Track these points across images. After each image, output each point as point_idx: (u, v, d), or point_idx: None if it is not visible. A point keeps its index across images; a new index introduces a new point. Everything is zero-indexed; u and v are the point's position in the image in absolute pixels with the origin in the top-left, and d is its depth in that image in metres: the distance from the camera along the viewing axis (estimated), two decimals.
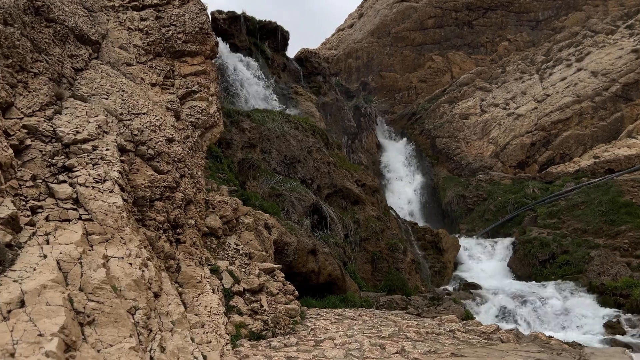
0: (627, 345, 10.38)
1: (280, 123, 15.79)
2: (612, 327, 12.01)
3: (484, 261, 18.91)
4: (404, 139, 30.32)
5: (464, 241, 20.11)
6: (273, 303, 7.04)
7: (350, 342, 5.97)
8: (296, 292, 7.58)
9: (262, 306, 6.74)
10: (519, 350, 6.34)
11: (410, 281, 14.88)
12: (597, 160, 22.87)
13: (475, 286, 16.30)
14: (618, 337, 11.15)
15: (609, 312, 12.82)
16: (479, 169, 26.39)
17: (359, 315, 8.62)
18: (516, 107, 28.08)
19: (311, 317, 7.83)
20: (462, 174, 26.71)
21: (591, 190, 18.17)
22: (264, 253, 7.88)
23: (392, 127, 31.40)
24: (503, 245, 18.93)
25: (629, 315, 12.41)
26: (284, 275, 7.67)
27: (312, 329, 6.79)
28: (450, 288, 17.25)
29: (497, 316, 13.25)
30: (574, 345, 8.84)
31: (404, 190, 27.56)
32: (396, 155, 29.55)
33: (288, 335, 6.44)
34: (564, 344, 7.29)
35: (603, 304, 13.31)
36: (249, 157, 13.99)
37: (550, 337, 8.07)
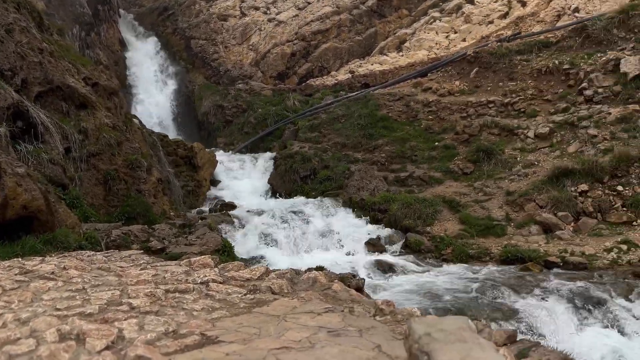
0: (391, 267, 9.74)
1: None
2: (373, 245, 11.44)
3: (243, 178, 17.15)
4: (154, 38, 25.99)
5: (222, 156, 17.96)
6: None
7: (18, 337, 3.01)
8: None
9: None
10: (300, 313, 4.24)
11: (157, 205, 12.09)
12: (353, 74, 22.80)
13: (234, 206, 14.43)
14: (382, 257, 10.52)
15: (370, 228, 12.32)
16: (239, 78, 24.18)
17: (65, 268, 5.59)
18: (277, 12, 26.26)
19: None
20: (220, 82, 24.15)
21: (351, 103, 17.65)
22: None
23: (141, 22, 26.60)
24: (264, 161, 17.39)
25: (387, 231, 12.05)
26: None
27: None
28: (206, 209, 15.08)
29: (259, 240, 11.58)
30: (352, 278, 7.46)
31: (153, 98, 23.77)
32: (145, 56, 25.18)
33: None
34: (350, 291, 5.61)
35: (363, 220, 12.77)
36: None
37: (330, 278, 6.43)
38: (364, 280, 7.41)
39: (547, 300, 6.99)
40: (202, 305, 4.26)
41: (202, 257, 6.12)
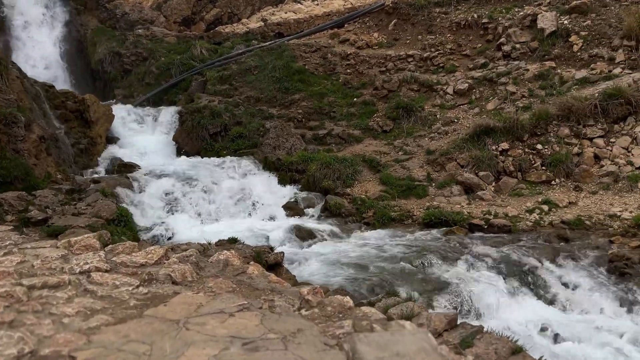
0: (311, 233, 8.99)
1: None
2: (291, 208, 10.62)
3: (144, 135, 15.47)
4: None
5: (119, 110, 16.04)
6: None
7: None
8: None
9: None
10: (207, 315, 3.27)
11: (39, 167, 10.38)
12: (266, 22, 21.29)
13: (134, 167, 12.91)
14: (300, 222, 9.73)
15: (287, 191, 11.46)
16: (138, 22, 21.74)
17: None
18: None
19: None
20: (117, 27, 21.58)
21: (265, 54, 16.33)
22: None
23: None
24: (168, 115, 15.74)
25: (304, 194, 11.26)
26: None
27: None
28: (101, 170, 13.43)
29: (163, 207, 10.33)
30: (269, 252, 6.60)
31: (39, 43, 20.79)
32: None
33: None
34: (270, 276, 4.73)
35: (280, 181, 11.88)
36: None
37: (245, 258, 5.53)
38: (283, 253, 6.59)
39: (477, 271, 6.59)
40: (78, 307, 3.18)
41: (85, 236, 4.87)
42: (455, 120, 12.44)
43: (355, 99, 14.39)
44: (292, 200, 10.90)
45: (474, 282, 6.20)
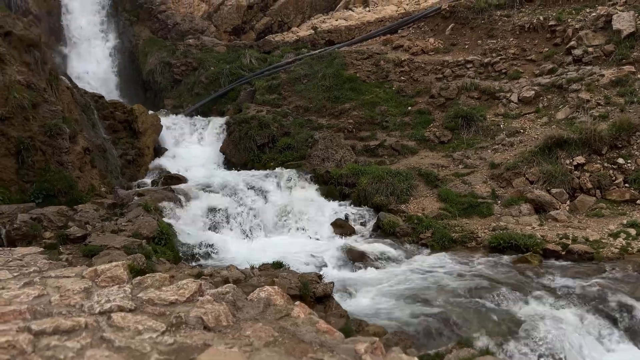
0: (363, 255, 8.21)
1: None
2: (340, 226, 9.89)
3: (192, 145, 15.17)
4: None
5: (168, 120, 15.85)
6: None
7: None
8: None
9: None
10: None
11: (83, 180, 10.12)
12: (316, 30, 20.77)
13: (180, 179, 12.55)
14: (351, 241, 8.98)
15: (336, 206, 10.73)
16: (189, 32, 21.73)
17: None
18: None
19: None
20: (168, 37, 21.65)
21: (315, 62, 15.75)
22: None
23: None
24: (216, 126, 15.40)
25: (355, 209, 10.51)
26: None
27: None
28: (148, 181, 13.16)
29: (207, 222, 9.82)
30: (318, 282, 5.89)
31: (94, 54, 21.11)
32: (82, 5, 22.28)
33: None
34: (318, 322, 4.02)
35: (329, 195, 11.18)
36: None
37: (289, 297, 4.83)
38: (333, 284, 5.85)
39: (559, 309, 5.62)
40: None
41: (113, 265, 4.28)
42: (521, 131, 11.37)
43: (409, 108, 13.54)
44: (342, 216, 10.16)
45: (556, 323, 5.25)
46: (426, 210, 9.66)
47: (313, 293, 5.41)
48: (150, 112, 15.80)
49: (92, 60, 20.74)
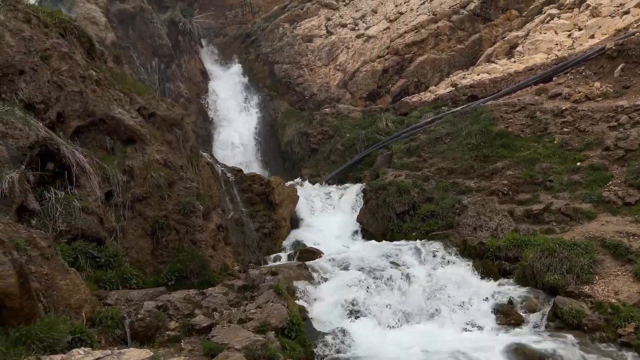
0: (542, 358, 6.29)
1: None
2: (504, 313, 8.02)
3: (328, 215, 14.39)
4: (237, 66, 24.46)
5: (305, 190, 15.40)
6: None
7: None
8: None
9: None
10: None
11: (216, 259, 9.62)
12: (456, 87, 19.43)
13: (315, 253, 11.68)
14: (520, 336, 7.08)
15: (495, 286, 8.91)
16: (325, 101, 21.76)
17: None
18: (366, 27, 23.68)
19: None
20: (305, 108, 21.88)
21: (457, 119, 14.33)
22: None
23: (223, 52, 25.28)
24: (352, 194, 14.53)
25: (520, 291, 8.57)
26: None
27: None
28: (284, 255, 12.52)
29: (343, 306, 8.60)
30: None
31: (235, 128, 22.00)
32: (227, 85, 23.66)
33: None
34: None
35: (485, 273, 9.39)
36: None
37: None
38: None
39: None
40: None
41: None
42: None
43: (578, 164, 11.35)
44: (505, 300, 8.30)
45: None
46: (620, 294, 7.43)
47: None
48: (288, 182, 15.52)
49: (235, 135, 21.56)
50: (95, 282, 7.59)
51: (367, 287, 8.85)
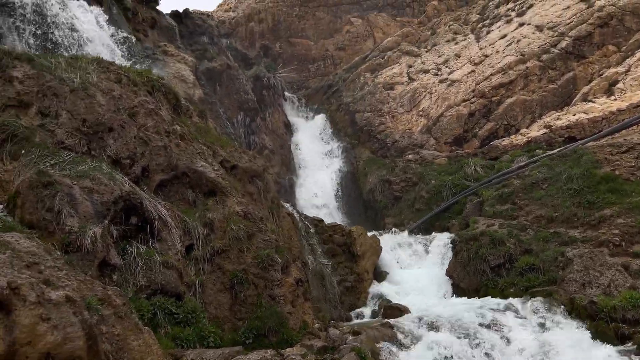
0: None
1: (82, 71, 9.66)
2: None
3: (414, 268, 13.55)
4: (319, 117, 24.72)
5: (388, 240, 14.69)
6: None
7: None
8: None
9: None
10: None
11: (294, 315, 9.12)
12: (550, 128, 18.16)
13: (401, 310, 10.84)
14: None
15: (613, 352, 7.65)
16: (408, 148, 21.20)
17: None
18: (449, 72, 23.12)
19: None
20: (387, 155, 21.43)
21: (555, 163, 13.17)
22: None
23: (306, 104, 25.74)
24: (439, 244, 13.63)
25: None
26: None
27: None
28: (367, 311, 11.83)
29: None
30: None
31: (317, 178, 21.94)
32: (309, 136, 23.89)
33: None
34: None
35: (599, 337, 8.14)
36: (10, 122, 7.95)
37: None
38: None
39: None
40: None
41: None
42: None
43: None
44: None
45: None
46: None
47: None
48: (370, 233, 14.92)
49: (317, 185, 21.47)
50: (173, 339, 7.36)
51: (459, 351, 7.93)
